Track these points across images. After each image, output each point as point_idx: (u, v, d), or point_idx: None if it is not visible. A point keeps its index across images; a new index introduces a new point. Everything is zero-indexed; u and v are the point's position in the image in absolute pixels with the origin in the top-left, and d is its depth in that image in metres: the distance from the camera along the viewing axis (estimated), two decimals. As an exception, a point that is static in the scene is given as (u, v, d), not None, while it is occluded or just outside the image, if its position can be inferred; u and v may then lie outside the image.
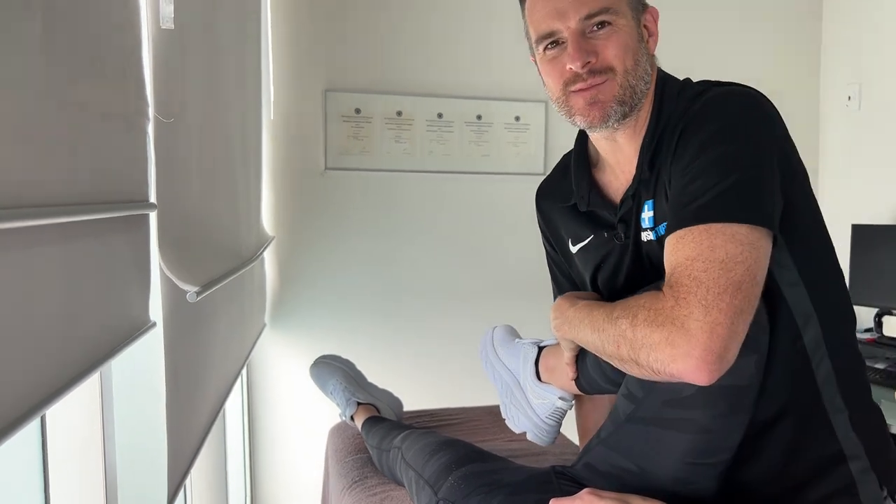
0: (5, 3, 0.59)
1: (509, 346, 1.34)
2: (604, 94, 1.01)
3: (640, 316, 0.89)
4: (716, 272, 0.85)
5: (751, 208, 0.89)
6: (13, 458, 0.90)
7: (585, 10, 0.99)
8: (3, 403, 0.60)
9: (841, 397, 0.99)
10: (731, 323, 0.83)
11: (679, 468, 0.96)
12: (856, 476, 0.98)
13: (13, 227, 0.60)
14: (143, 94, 0.95)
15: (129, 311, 0.92)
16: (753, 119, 0.95)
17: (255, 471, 2.58)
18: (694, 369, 0.83)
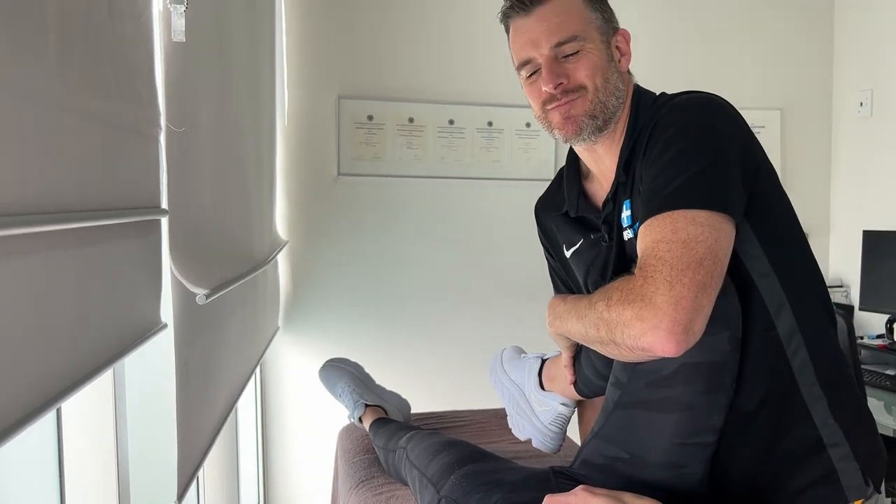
0: (21, 21, 0.63)
1: (516, 363, 1.41)
2: (576, 109, 1.11)
3: (614, 297, 0.96)
4: (678, 251, 0.92)
5: (710, 195, 0.96)
6: (31, 450, 0.95)
7: (555, 38, 1.09)
8: (19, 396, 0.64)
9: (819, 386, 1.03)
10: (694, 296, 0.89)
11: (667, 450, 1.00)
12: (836, 464, 1.02)
13: (30, 233, 0.64)
14: (155, 105, 0.99)
15: (141, 313, 0.96)
16: (713, 119, 1.03)
17: (268, 468, 2.63)
18: (663, 341, 0.89)
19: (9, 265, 0.63)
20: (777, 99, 3.09)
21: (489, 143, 2.79)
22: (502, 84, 2.93)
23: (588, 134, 1.12)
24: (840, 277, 3.08)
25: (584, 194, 1.24)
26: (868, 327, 2.86)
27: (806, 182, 3.14)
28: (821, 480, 1.02)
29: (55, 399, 0.71)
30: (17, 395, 0.64)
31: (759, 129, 3.06)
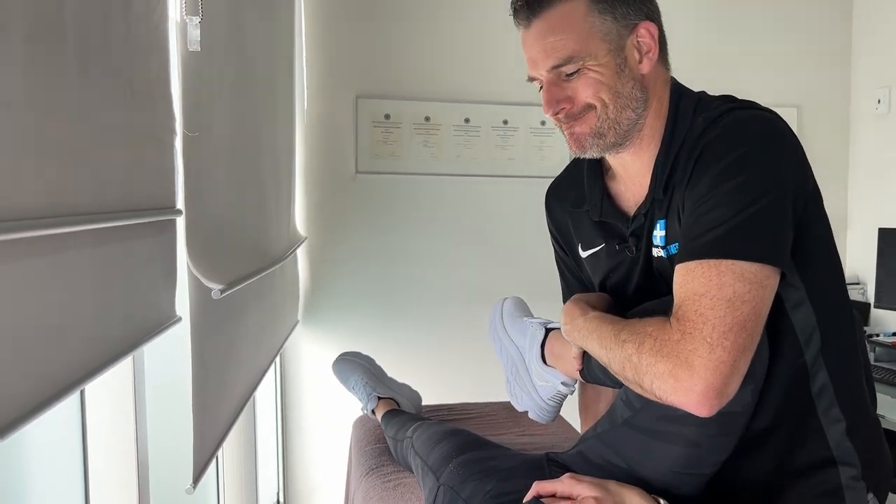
0: (44, 42, 0.70)
1: (518, 322, 1.36)
2: (580, 127, 1.04)
3: (647, 344, 0.92)
4: (722, 310, 0.87)
5: (762, 246, 0.90)
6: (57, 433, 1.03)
7: (551, 62, 1.02)
8: (47, 378, 0.71)
9: (839, 408, 1.00)
10: (733, 361, 0.86)
11: (665, 475, 1.00)
12: (844, 482, 1.00)
13: (55, 234, 0.71)
14: (171, 112, 1.06)
15: (156, 306, 1.03)
16: (771, 149, 0.96)
17: (287, 455, 2.71)
18: (695, 403, 0.87)
19: (38, 262, 0.70)
20: (794, 96, 3.08)
21: (504, 142, 2.84)
22: (517, 83, 2.94)
23: (599, 151, 1.06)
24: (857, 275, 3.07)
25: (607, 195, 1.15)
26: (884, 324, 2.86)
27: (822, 179, 3.08)
28: (826, 494, 1.01)
29: (79, 382, 0.78)
30: (45, 377, 0.71)
31: (776, 126, 3.06)
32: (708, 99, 1.07)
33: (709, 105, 1.05)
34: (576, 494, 0.96)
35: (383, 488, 1.53)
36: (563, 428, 1.85)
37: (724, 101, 1.05)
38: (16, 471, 0.93)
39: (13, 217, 0.63)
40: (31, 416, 0.67)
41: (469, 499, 1.17)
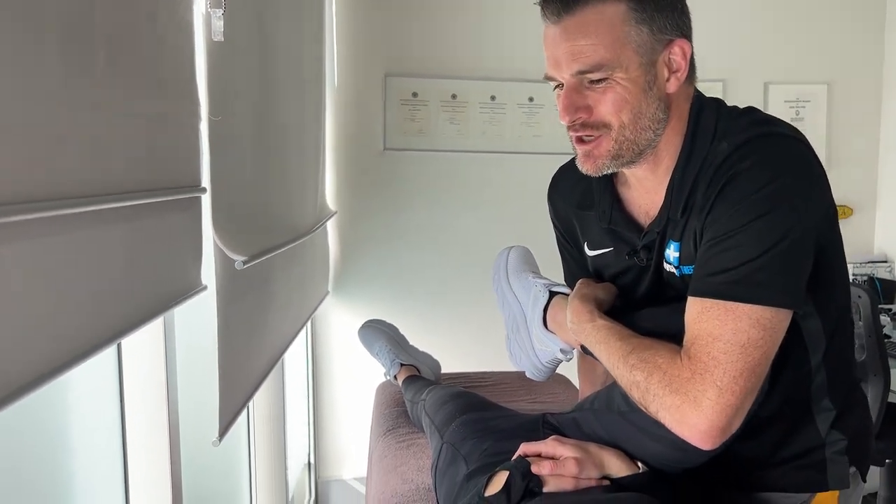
0: (75, 41, 0.80)
1: (523, 278, 1.35)
2: (598, 150, 1.00)
3: (656, 376, 0.92)
4: (735, 356, 0.88)
5: (782, 290, 0.90)
6: (96, 386, 1.15)
7: (577, 66, 0.95)
8: (85, 332, 0.82)
9: (829, 400, 1.05)
10: (740, 404, 0.89)
11: (652, 466, 1.05)
12: (829, 457, 1.06)
13: (91, 211, 0.82)
14: (196, 98, 1.16)
15: (183, 276, 1.15)
16: (799, 185, 0.93)
17: (317, 419, 2.86)
18: (698, 440, 0.90)
19: (76, 236, 0.81)
20: (824, 73, 3.06)
21: (530, 119, 2.89)
22: (542, 60, 3.01)
23: (613, 169, 1.03)
24: (885, 253, 3.07)
25: (617, 202, 1.11)
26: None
27: (853, 157, 3.12)
28: (810, 467, 1.06)
29: (114, 337, 0.90)
30: (86, 332, 0.83)
31: (805, 103, 3.06)
32: (728, 115, 1.02)
33: (731, 125, 1.00)
34: (558, 455, 1.04)
35: (397, 447, 1.64)
36: (572, 396, 1.94)
37: (748, 121, 1.00)
38: (62, 417, 1.06)
39: (55, 197, 0.74)
40: (76, 362, 0.78)
41: (467, 456, 1.27)
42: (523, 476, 0.99)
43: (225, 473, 1.94)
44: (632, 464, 1.03)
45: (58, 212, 0.74)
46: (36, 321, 0.73)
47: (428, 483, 1.43)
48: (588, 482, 1.00)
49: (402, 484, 1.46)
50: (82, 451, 1.11)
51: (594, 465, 1.02)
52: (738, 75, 3.02)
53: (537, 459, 1.04)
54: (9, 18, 0.66)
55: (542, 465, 1.01)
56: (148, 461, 1.21)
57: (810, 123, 3.07)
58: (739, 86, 3.03)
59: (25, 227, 0.69)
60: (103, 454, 1.18)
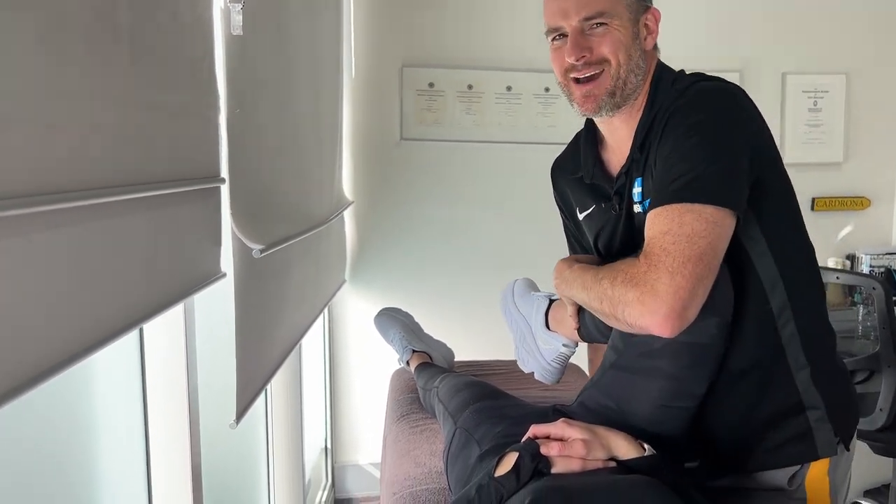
0: (99, 34, 0.83)
1: (526, 298, 1.53)
2: (598, 89, 1.18)
3: (619, 278, 1.07)
4: (682, 245, 1.01)
5: (718, 192, 1.04)
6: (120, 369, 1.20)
7: (584, 12, 1.16)
8: (108, 318, 0.86)
9: (804, 356, 1.13)
10: (692, 287, 1.00)
11: (650, 410, 1.13)
12: (812, 424, 1.12)
13: (113, 201, 0.86)
14: (215, 91, 1.19)
15: (203, 263, 1.18)
16: (727, 113, 1.11)
17: (334, 404, 2.91)
18: (659, 324, 1.00)
19: (101, 225, 0.84)
20: (842, 62, 3.05)
21: (546, 109, 2.90)
22: (560, 51, 3.03)
23: (606, 111, 1.20)
24: (904, 244, 3.06)
25: (599, 162, 1.31)
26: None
27: (871, 148, 3.10)
28: (796, 438, 1.13)
29: (135, 322, 0.93)
30: (108, 316, 0.87)
31: (823, 93, 3.04)
32: (682, 75, 1.23)
33: (683, 79, 1.20)
34: (567, 436, 1.07)
35: (411, 432, 1.67)
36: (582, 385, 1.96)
37: (696, 77, 1.20)
38: (88, 398, 1.10)
39: (81, 188, 0.78)
40: (101, 346, 0.82)
41: (481, 440, 1.31)
42: (532, 457, 1.02)
43: (243, 457, 1.99)
44: (638, 446, 1.06)
45: (83, 202, 0.78)
46: (63, 306, 0.77)
47: (440, 467, 1.47)
48: (595, 463, 1.03)
49: (414, 467, 1.50)
50: (106, 430, 1.16)
51: (601, 447, 1.04)
52: (754, 66, 3.01)
53: (546, 441, 1.07)
54: (36, 15, 0.69)
55: (551, 447, 1.04)
56: (168, 442, 1.25)
57: (828, 114, 3.06)
58: (756, 76, 3.02)
59: (53, 217, 0.73)
60: (126, 434, 1.23)
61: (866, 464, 2.65)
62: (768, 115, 1.56)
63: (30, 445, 0.95)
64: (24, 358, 0.69)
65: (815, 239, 1.24)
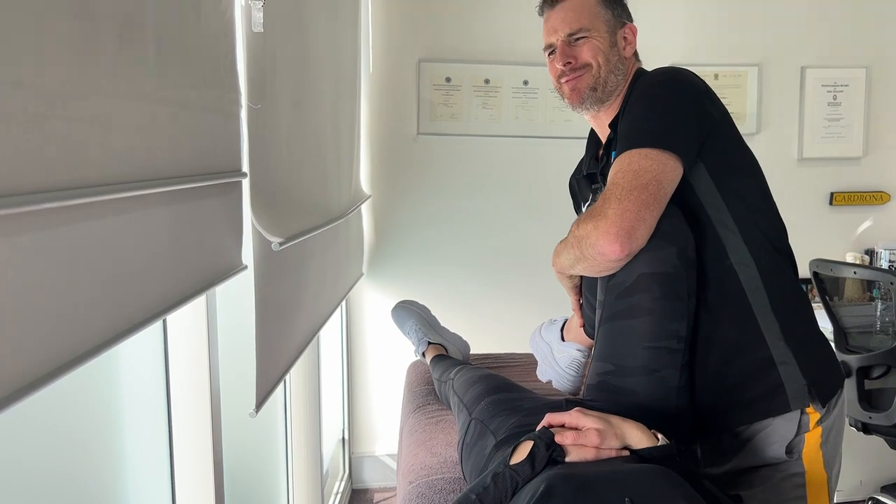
0: (129, 35, 0.86)
1: (549, 327, 1.65)
2: (581, 83, 1.37)
3: (582, 219, 1.20)
4: (629, 178, 1.15)
5: (659, 137, 1.19)
6: (144, 359, 1.23)
7: (568, 28, 1.37)
8: (133, 309, 0.89)
9: (772, 312, 1.21)
10: (637, 210, 1.12)
11: (641, 354, 1.18)
12: (783, 379, 1.20)
13: (139, 195, 0.88)
14: (237, 87, 1.22)
15: (225, 256, 1.21)
16: (671, 84, 1.27)
17: (351, 395, 2.94)
18: (610, 243, 1.12)
19: (126, 218, 0.87)
20: (862, 56, 3.02)
21: (562, 103, 2.87)
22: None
23: (590, 104, 1.37)
24: (924, 238, 3.03)
25: (596, 157, 1.47)
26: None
27: (891, 142, 3.09)
28: (769, 392, 1.20)
29: (159, 314, 0.96)
30: (133, 307, 0.90)
31: (843, 87, 3.02)
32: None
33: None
34: (581, 426, 1.09)
35: (426, 423, 1.70)
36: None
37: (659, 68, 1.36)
38: (113, 386, 1.14)
39: (107, 182, 0.80)
40: (126, 336, 0.85)
41: (496, 430, 1.33)
42: (547, 445, 1.04)
43: (263, 446, 2.03)
44: (651, 436, 1.07)
45: (111, 196, 0.81)
46: (90, 298, 0.80)
47: (455, 457, 1.49)
48: (609, 452, 1.04)
49: (430, 457, 1.52)
50: (131, 417, 1.19)
51: (615, 436, 1.06)
52: (774, 59, 3.00)
53: (561, 430, 1.08)
54: (69, 16, 0.72)
55: (565, 436, 1.05)
56: (191, 429, 1.28)
57: (848, 108, 3.04)
58: (775, 70, 3.01)
59: (83, 211, 0.76)
60: (150, 421, 1.26)
61: (884, 459, 2.64)
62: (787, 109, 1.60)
63: (60, 433, 0.99)
64: (55, 347, 0.72)
65: (833, 234, 1.28)
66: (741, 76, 2.98)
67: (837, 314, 2.45)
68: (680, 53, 2.91)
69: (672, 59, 2.87)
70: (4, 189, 0.61)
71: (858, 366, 2.32)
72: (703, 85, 1.29)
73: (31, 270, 0.68)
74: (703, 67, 2.91)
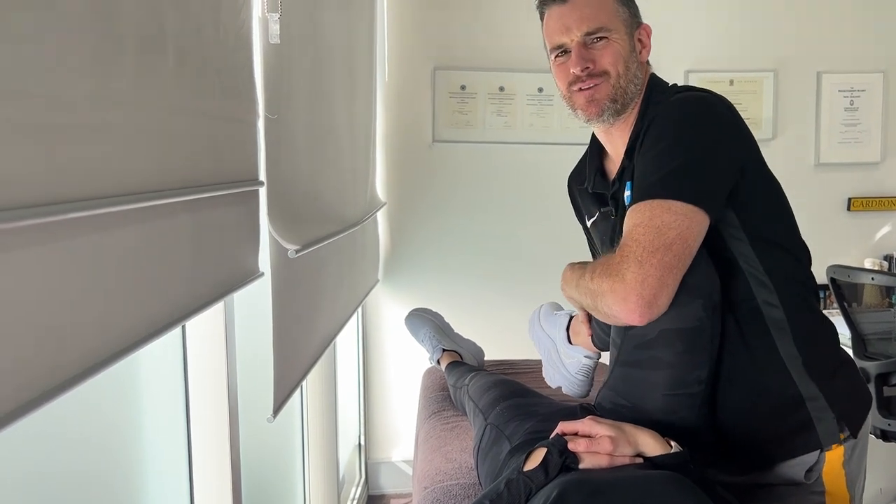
0: (149, 47, 0.88)
1: (550, 318, 1.59)
2: (599, 93, 1.23)
3: (597, 271, 1.12)
4: (651, 235, 1.05)
5: (686, 188, 1.08)
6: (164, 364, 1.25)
7: (585, 27, 1.22)
8: (153, 315, 0.91)
9: (795, 346, 1.15)
10: (660, 276, 1.03)
11: (659, 400, 1.16)
12: (813, 414, 1.15)
13: (158, 205, 0.90)
14: (254, 98, 1.24)
15: (242, 263, 1.23)
16: (701, 117, 1.16)
17: (367, 401, 2.95)
18: (629, 312, 1.04)
19: (146, 226, 0.89)
20: (880, 61, 3.01)
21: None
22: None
23: (608, 116, 1.24)
24: (943, 244, 3.00)
25: (601, 171, 1.37)
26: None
27: (909, 147, 3.06)
28: (800, 429, 1.15)
29: (178, 320, 0.98)
30: (153, 314, 0.92)
31: (860, 92, 3.01)
32: (674, 87, 1.28)
33: (670, 91, 1.26)
34: (594, 433, 1.10)
35: (442, 429, 1.71)
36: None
37: (683, 87, 1.27)
38: (134, 390, 1.16)
39: (128, 192, 0.82)
40: (146, 342, 0.87)
41: (511, 435, 1.34)
42: (560, 453, 1.05)
43: (280, 452, 2.05)
44: (664, 443, 1.07)
45: (132, 205, 0.83)
46: (112, 304, 0.82)
47: (470, 462, 1.50)
48: (622, 459, 1.05)
49: (445, 463, 1.53)
50: (151, 422, 1.21)
51: (628, 444, 1.06)
52: (789, 65, 2.99)
53: (574, 437, 1.09)
54: (92, 29, 0.74)
55: (578, 443, 1.06)
56: (209, 434, 1.30)
57: (865, 113, 3.02)
58: (791, 76, 3.00)
59: (105, 220, 0.78)
60: (170, 426, 1.28)
61: (904, 467, 2.61)
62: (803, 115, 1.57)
63: (81, 435, 1.01)
64: (78, 352, 0.74)
65: (851, 239, 1.27)
66: (757, 82, 2.97)
67: (856, 320, 2.43)
68: (695, 60, 2.91)
69: (687, 65, 2.87)
70: (29, 200, 0.63)
71: (877, 372, 2.30)
72: (730, 116, 1.18)
73: (55, 279, 0.70)
74: (719, 73, 2.91)
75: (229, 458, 1.32)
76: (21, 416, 0.62)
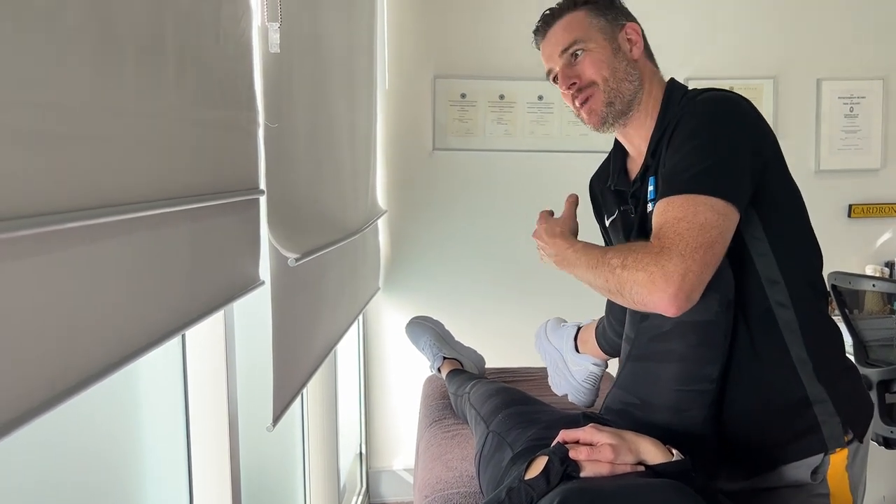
0: (149, 55, 0.89)
1: (557, 331, 1.62)
2: (595, 103, 1.30)
3: (630, 258, 1.11)
4: (695, 231, 1.07)
5: (726, 187, 1.11)
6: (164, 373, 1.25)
7: (560, 47, 1.30)
8: (153, 324, 0.91)
9: (805, 351, 1.17)
10: (700, 272, 1.06)
11: (670, 395, 1.17)
12: (819, 418, 1.16)
13: (159, 213, 0.90)
14: (254, 106, 1.25)
15: (242, 272, 1.23)
16: (728, 118, 1.18)
17: (368, 410, 2.95)
18: (666, 303, 1.05)
19: (146, 235, 0.89)
20: (880, 68, 3.01)
21: (576, 118, 2.91)
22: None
23: (611, 119, 1.29)
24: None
25: (624, 170, 1.40)
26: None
27: (909, 153, 3.06)
28: (806, 432, 1.17)
29: (178, 329, 0.98)
30: (153, 322, 0.91)
31: (860, 99, 3.01)
32: (695, 90, 1.31)
33: (692, 92, 1.30)
34: (595, 441, 1.09)
35: (443, 437, 1.71)
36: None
37: (705, 89, 1.28)
38: (134, 400, 1.16)
39: (129, 201, 0.82)
40: (146, 351, 0.87)
41: (513, 443, 1.33)
42: (562, 461, 1.04)
43: (280, 460, 2.04)
44: (666, 451, 1.07)
45: (133, 214, 0.83)
46: (112, 313, 0.82)
47: (471, 471, 1.50)
48: (623, 468, 1.05)
49: (446, 471, 1.53)
50: (151, 431, 1.21)
51: (630, 452, 1.06)
52: (789, 72, 2.99)
53: (575, 445, 1.09)
54: (93, 38, 0.74)
55: (580, 451, 1.06)
56: (209, 443, 1.30)
57: (865, 119, 3.02)
58: (791, 83, 3.00)
59: (105, 229, 0.78)
60: (169, 435, 1.28)
61: (907, 474, 2.60)
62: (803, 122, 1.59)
63: (81, 444, 1.01)
64: (78, 361, 0.74)
65: (852, 246, 1.28)
66: (757, 89, 2.98)
67: (857, 327, 2.43)
68: (695, 66, 2.92)
69: (688, 72, 2.87)
70: (28, 209, 0.63)
71: (879, 379, 2.29)
72: (756, 115, 1.21)
73: (54, 288, 0.70)
74: (719, 81, 2.91)
75: (229, 467, 1.32)
76: (21, 425, 0.62)
